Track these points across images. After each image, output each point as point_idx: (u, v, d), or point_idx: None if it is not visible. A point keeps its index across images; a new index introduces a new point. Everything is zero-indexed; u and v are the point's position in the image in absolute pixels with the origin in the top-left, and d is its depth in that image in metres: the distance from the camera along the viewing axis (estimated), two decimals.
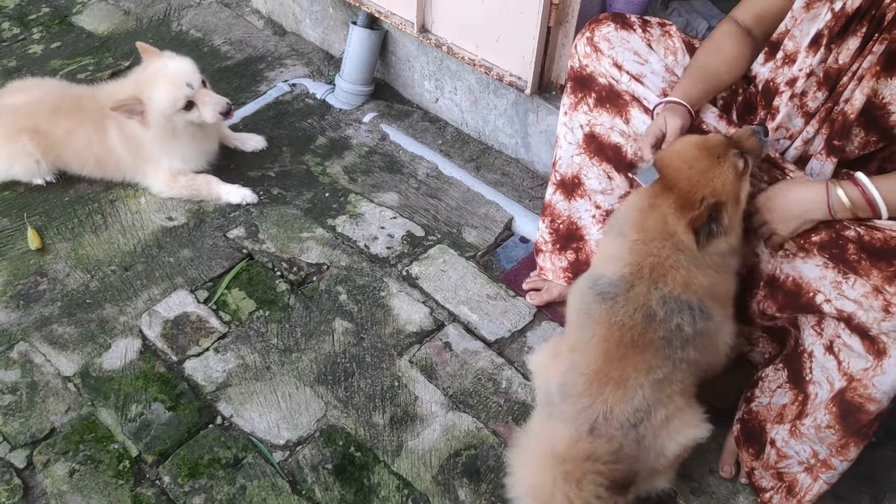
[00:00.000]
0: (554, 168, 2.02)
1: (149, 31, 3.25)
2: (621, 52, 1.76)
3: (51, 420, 1.94)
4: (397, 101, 2.95)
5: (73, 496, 1.81)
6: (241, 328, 2.16)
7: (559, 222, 2.08)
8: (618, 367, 1.59)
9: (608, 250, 1.71)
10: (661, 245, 1.59)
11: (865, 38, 1.51)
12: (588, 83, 1.83)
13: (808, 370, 1.64)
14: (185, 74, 2.28)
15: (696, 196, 1.54)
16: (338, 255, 2.36)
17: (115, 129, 2.39)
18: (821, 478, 1.68)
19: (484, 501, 1.83)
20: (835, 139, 1.61)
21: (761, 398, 1.81)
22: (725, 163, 1.55)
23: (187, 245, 2.38)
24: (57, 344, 2.10)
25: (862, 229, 1.49)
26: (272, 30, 3.28)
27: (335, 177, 2.62)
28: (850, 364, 1.54)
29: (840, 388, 1.56)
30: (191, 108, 2.29)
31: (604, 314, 1.62)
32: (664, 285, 1.59)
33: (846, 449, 1.61)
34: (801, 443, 1.68)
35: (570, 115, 1.91)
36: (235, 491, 1.83)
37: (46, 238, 2.38)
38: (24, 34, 3.24)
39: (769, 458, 1.77)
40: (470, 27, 2.48)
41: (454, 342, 2.14)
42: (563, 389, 1.65)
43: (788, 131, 1.69)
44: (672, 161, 1.58)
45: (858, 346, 1.50)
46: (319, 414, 1.98)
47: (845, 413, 1.56)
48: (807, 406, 1.65)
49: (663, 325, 1.58)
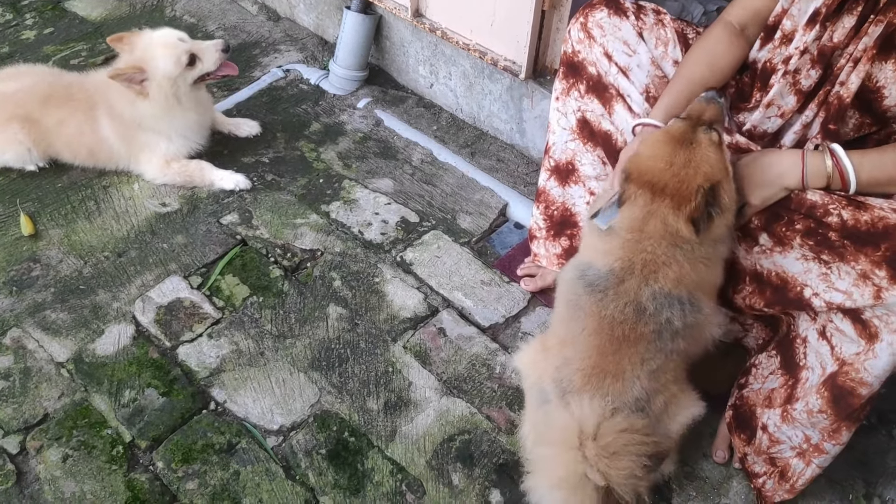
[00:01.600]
0: (547, 154, 2.01)
1: (142, 16, 3.23)
2: (612, 40, 1.74)
3: (44, 406, 1.94)
4: (392, 87, 2.93)
5: (66, 481, 1.81)
6: (234, 314, 2.16)
7: (553, 209, 2.07)
8: (613, 361, 1.58)
9: (598, 243, 1.64)
10: (656, 243, 1.54)
11: (861, 17, 1.50)
12: (579, 70, 1.82)
13: (802, 355, 1.64)
14: (175, 33, 2.30)
15: (690, 189, 1.51)
16: (332, 241, 2.36)
17: (106, 117, 2.37)
18: (813, 462, 1.68)
19: (477, 486, 1.83)
20: (830, 123, 1.59)
21: (753, 384, 1.81)
22: (702, 143, 1.52)
23: (181, 231, 2.37)
24: (50, 330, 2.10)
25: (847, 212, 1.47)
26: (266, 15, 3.26)
27: (329, 163, 2.61)
28: (842, 349, 1.53)
29: (831, 372, 1.55)
30: (194, 63, 2.31)
31: (594, 306, 1.59)
32: (655, 282, 1.55)
33: (838, 433, 1.61)
34: (793, 428, 1.67)
35: (563, 100, 1.89)
36: (229, 476, 1.83)
37: (39, 224, 2.37)
38: (16, 20, 3.22)
39: (761, 444, 1.77)
40: (464, 11, 2.47)
41: (448, 328, 2.14)
42: (560, 386, 1.63)
43: (780, 109, 1.66)
44: (649, 166, 1.53)
45: (850, 330, 1.50)
46: (313, 399, 1.98)
47: (837, 397, 1.55)
48: (796, 390, 1.65)
49: (653, 319, 1.56)
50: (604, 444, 1.52)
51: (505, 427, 1.94)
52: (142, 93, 2.29)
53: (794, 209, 1.55)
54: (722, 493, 1.85)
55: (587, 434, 1.54)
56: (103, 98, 2.36)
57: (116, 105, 2.34)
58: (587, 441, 1.53)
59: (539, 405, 1.71)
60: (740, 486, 1.86)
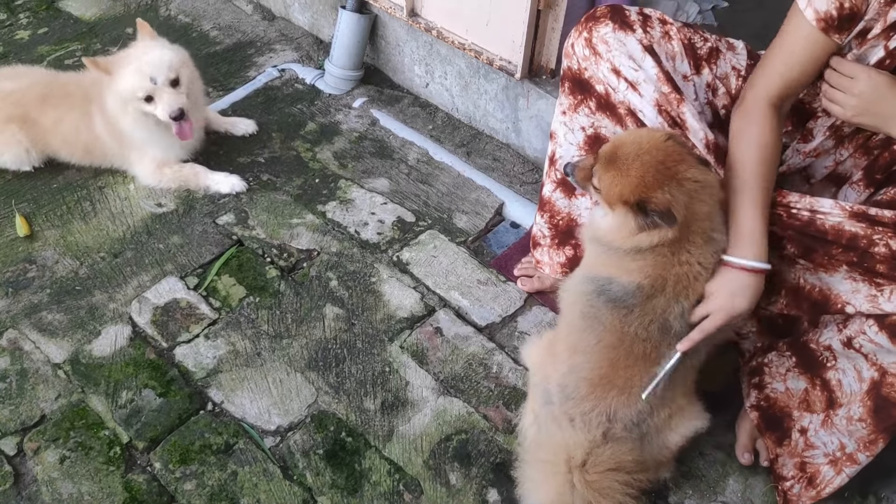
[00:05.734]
0: (553, 165, 1.95)
1: (136, 16, 3.19)
2: (618, 55, 1.64)
3: (41, 407, 1.94)
4: (387, 86, 2.93)
5: (63, 483, 1.81)
6: (231, 314, 2.16)
7: (559, 218, 2.04)
8: (623, 375, 1.57)
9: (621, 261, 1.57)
10: (688, 255, 1.50)
11: None
12: (587, 87, 1.73)
13: (827, 358, 1.62)
14: (155, 68, 2.24)
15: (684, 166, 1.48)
16: (328, 241, 2.36)
17: (98, 114, 2.37)
18: (844, 471, 1.65)
19: (474, 485, 1.84)
20: (877, 173, 1.57)
21: (774, 384, 1.80)
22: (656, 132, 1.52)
23: (177, 231, 2.37)
24: (46, 331, 2.10)
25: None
26: (261, 14, 3.26)
27: (325, 162, 2.61)
28: (877, 356, 1.51)
29: (874, 380, 1.52)
30: (150, 101, 2.27)
31: (616, 322, 1.55)
32: (685, 299, 1.52)
33: (874, 444, 1.58)
34: (831, 434, 1.65)
35: (570, 115, 1.82)
36: (227, 477, 1.83)
37: (35, 225, 2.37)
38: (10, 20, 3.21)
39: (797, 446, 1.74)
40: (459, 11, 2.47)
41: (445, 327, 2.15)
42: (565, 391, 1.63)
43: (816, 150, 1.65)
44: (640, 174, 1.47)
45: (887, 342, 1.46)
46: (310, 400, 1.98)
47: (879, 407, 1.53)
48: (836, 394, 1.62)
49: (677, 339, 1.55)
50: (591, 479, 1.55)
51: (502, 426, 1.94)
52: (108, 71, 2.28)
53: (832, 241, 1.49)
54: (718, 492, 1.86)
55: (576, 462, 1.56)
56: (98, 95, 2.36)
57: (105, 106, 2.34)
58: (576, 470, 1.56)
59: (543, 404, 1.72)
60: (737, 485, 1.87)
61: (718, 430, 1.95)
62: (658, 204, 1.45)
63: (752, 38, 1.82)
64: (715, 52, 1.73)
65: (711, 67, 1.72)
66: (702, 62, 1.72)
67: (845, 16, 1.43)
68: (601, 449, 1.58)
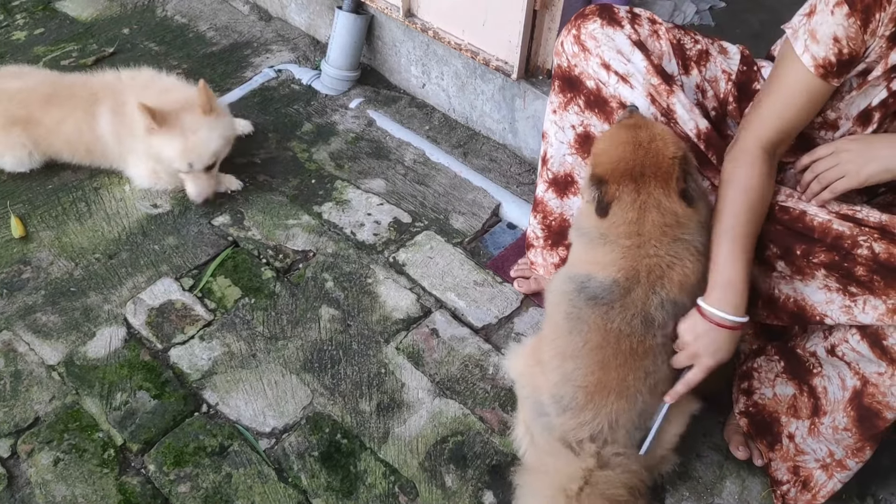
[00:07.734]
0: (545, 165, 1.94)
1: (133, 17, 3.22)
2: (607, 50, 1.64)
3: (35, 409, 1.93)
4: (384, 87, 2.93)
5: (57, 485, 1.80)
6: (226, 316, 2.15)
7: (551, 219, 2.03)
8: (616, 376, 1.55)
9: (596, 255, 1.59)
10: (658, 242, 1.51)
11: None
12: (576, 84, 1.72)
13: (814, 365, 1.62)
14: (197, 157, 2.27)
15: (666, 161, 1.49)
16: (324, 242, 2.35)
17: (108, 114, 2.36)
18: (835, 476, 1.66)
19: (470, 487, 1.83)
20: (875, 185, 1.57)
21: (762, 389, 1.79)
22: (651, 122, 1.53)
23: (172, 233, 2.36)
24: (41, 333, 2.09)
25: (880, 245, 1.41)
26: (258, 15, 3.25)
27: (321, 163, 2.60)
28: (860, 365, 1.51)
29: (856, 388, 1.52)
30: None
31: (598, 320, 1.54)
32: (661, 288, 1.52)
33: (862, 451, 1.59)
34: (818, 442, 1.66)
35: (560, 113, 1.81)
36: (221, 479, 1.82)
37: (30, 226, 2.36)
38: (7, 20, 3.20)
39: (788, 451, 1.75)
40: (456, 11, 2.46)
41: (441, 329, 2.14)
42: (561, 403, 1.60)
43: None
44: (620, 154, 1.51)
45: (868, 352, 1.46)
46: (306, 401, 1.97)
47: (863, 417, 1.52)
48: (822, 402, 1.62)
49: (661, 330, 1.54)
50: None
51: (498, 428, 1.94)
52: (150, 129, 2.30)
53: (818, 239, 1.49)
54: (715, 493, 1.85)
55: (571, 494, 1.56)
56: (111, 97, 2.37)
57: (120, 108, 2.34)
58: (572, 500, 1.56)
59: (536, 416, 1.69)
60: (734, 486, 1.86)
61: (715, 431, 1.95)
62: (607, 192, 1.52)
63: (749, 38, 1.82)
64: (704, 55, 1.71)
65: (700, 69, 1.71)
66: (690, 63, 1.70)
67: (844, 61, 1.41)
68: (600, 474, 1.56)
